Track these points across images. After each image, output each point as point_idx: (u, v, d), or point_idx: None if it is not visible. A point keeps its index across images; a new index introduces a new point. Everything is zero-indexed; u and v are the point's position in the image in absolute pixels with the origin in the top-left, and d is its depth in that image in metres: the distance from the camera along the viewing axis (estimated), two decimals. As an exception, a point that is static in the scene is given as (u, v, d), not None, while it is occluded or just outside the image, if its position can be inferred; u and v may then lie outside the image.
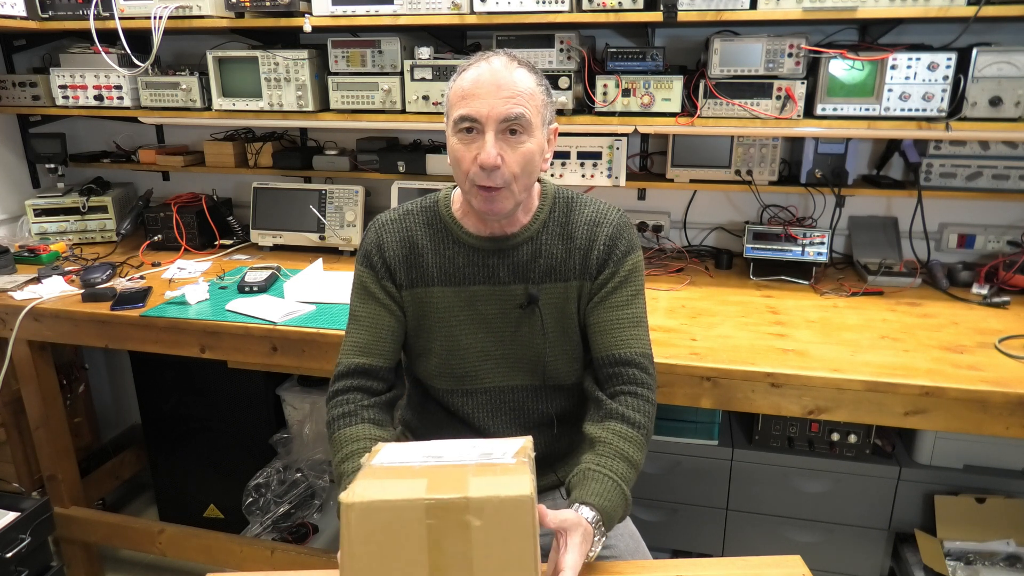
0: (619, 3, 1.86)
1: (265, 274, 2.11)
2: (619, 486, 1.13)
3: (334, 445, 1.25)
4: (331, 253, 2.45)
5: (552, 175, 2.17)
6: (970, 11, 1.70)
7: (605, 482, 1.12)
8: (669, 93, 1.95)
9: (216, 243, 2.54)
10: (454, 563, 0.85)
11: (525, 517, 0.86)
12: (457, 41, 2.30)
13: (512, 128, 1.16)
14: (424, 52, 2.09)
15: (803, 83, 1.89)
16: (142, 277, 2.18)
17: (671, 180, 2.23)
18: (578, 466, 1.17)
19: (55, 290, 2.07)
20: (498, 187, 1.17)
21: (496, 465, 0.92)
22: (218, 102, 2.27)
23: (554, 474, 1.40)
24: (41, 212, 2.56)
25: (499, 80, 1.15)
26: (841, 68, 1.87)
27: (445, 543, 0.85)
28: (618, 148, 2.13)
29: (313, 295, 1.97)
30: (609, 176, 2.16)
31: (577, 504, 1.08)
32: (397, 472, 0.92)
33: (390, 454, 0.99)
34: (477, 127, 1.16)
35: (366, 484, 0.88)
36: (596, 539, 1.06)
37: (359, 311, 1.32)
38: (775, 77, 1.91)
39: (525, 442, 1.01)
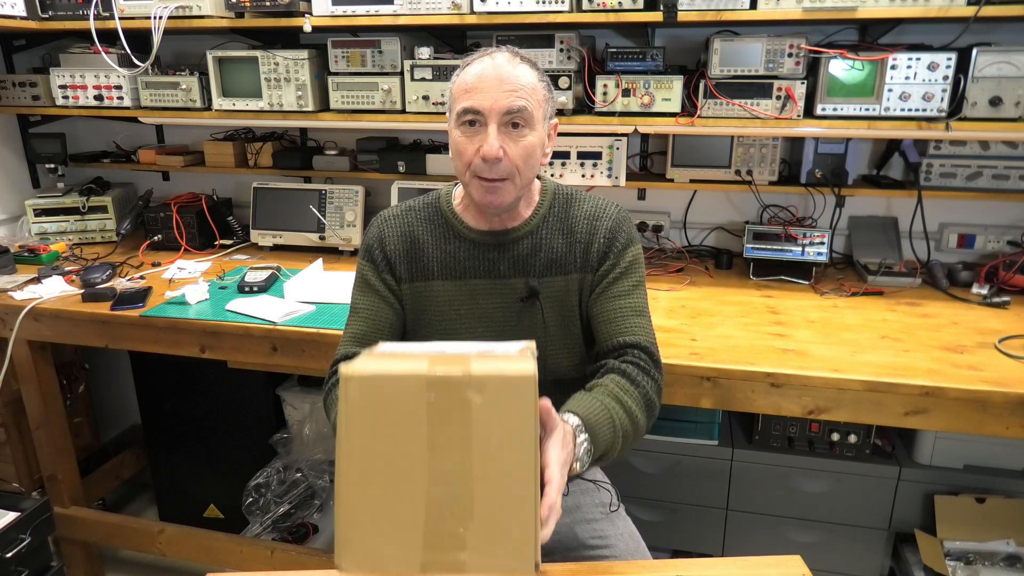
0: (619, 3, 1.86)
1: (265, 274, 2.11)
2: (604, 406, 1.11)
3: (333, 403, 1.24)
4: (331, 253, 2.45)
5: (552, 175, 2.17)
6: (970, 11, 1.70)
7: (589, 400, 1.12)
8: (669, 93, 1.95)
9: (216, 243, 2.54)
10: (452, 441, 0.84)
11: (527, 396, 0.84)
12: (457, 41, 2.30)
13: (514, 121, 1.18)
14: (424, 52, 2.09)
15: (803, 83, 1.89)
16: (142, 277, 2.18)
17: (671, 180, 2.23)
18: None
19: (55, 290, 2.07)
20: (500, 178, 1.19)
21: (499, 354, 0.91)
22: (218, 102, 2.27)
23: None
24: (41, 212, 2.56)
25: (502, 74, 1.17)
26: (841, 68, 1.87)
27: (444, 420, 0.84)
28: (618, 148, 2.13)
29: (313, 295, 1.97)
30: (609, 176, 2.16)
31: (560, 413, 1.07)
32: (399, 355, 0.90)
33: (391, 346, 0.98)
34: (480, 120, 1.17)
35: (367, 361, 0.87)
36: (581, 443, 1.04)
37: (359, 303, 1.34)
38: (775, 77, 1.91)
39: (528, 343, 0.99)
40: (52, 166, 2.61)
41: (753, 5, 1.80)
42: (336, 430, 0.89)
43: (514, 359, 0.88)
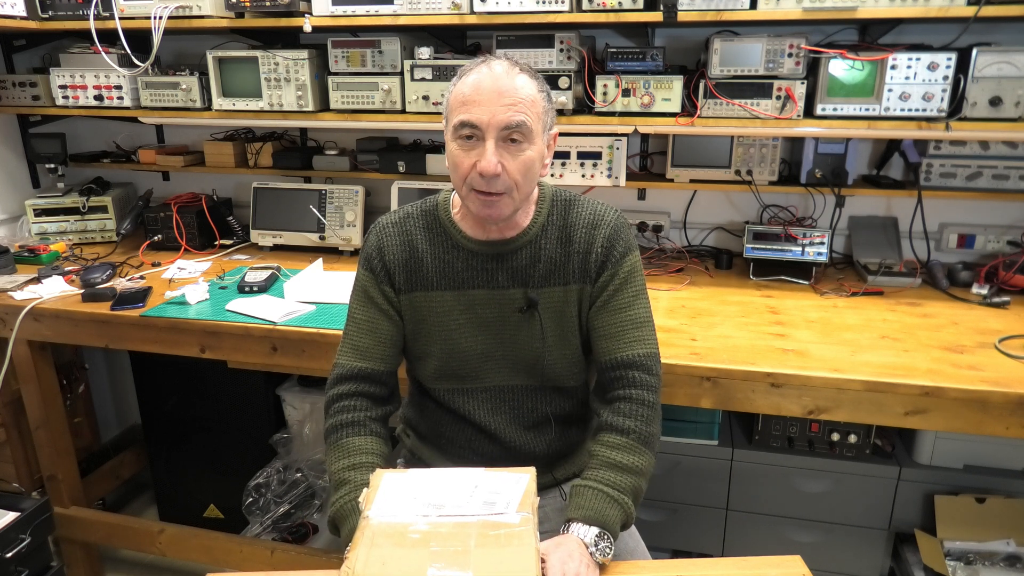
0: (619, 3, 1.86)
1: (265, 274, 2.11)
2: (602, 492, 1.15)
3: (339, 450, 1.25)
4: (331, 253, 2.45)
5: (552, 175, 2.17)
6: (970, 11, 1.70)
7: (587, 493, 1.16)
8: (669, 93, 1.95)
9: (216, 243, 2.54)
10: None
11: None
12: (457, 41, 2.30)
13: (513, 136, 1.15)
14: (424, 52, 2.09)
15: (803, 83, 1.89)
16: (142, 277, 2.18)
17: (671, 180, 2.23)
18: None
19: (55, 290, 2.07)
20: (498, 192, 1.17)
21: (500, 527, 0.94)
22: (218, 102, 2.27)
23: (551, 474, 1.40)
24: (41, 212, 2.56)
25: (500, 87, 1.14)
26: (841, 68, 1.87)
27: None
28: (618, 148, 2.13)
29: (313, 295, 1.97)
30: (609, 176, 2.16)
31: (565, 524, 1.13)
32: (398, 537, 0.93)
33: (389, 500, 0.99)
34: (477, 134, 1.15)
35: (367, 555, 0.90)
36: (595, 543, 1.09)
37: (358, 313, 1.33)
38: (775, 77, 1.91)
39: (528, 483, 1.01)
40: (52, 166, 2.61)
41: (753, 5, 1.80)
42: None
43: (515, 541, 0.92)
